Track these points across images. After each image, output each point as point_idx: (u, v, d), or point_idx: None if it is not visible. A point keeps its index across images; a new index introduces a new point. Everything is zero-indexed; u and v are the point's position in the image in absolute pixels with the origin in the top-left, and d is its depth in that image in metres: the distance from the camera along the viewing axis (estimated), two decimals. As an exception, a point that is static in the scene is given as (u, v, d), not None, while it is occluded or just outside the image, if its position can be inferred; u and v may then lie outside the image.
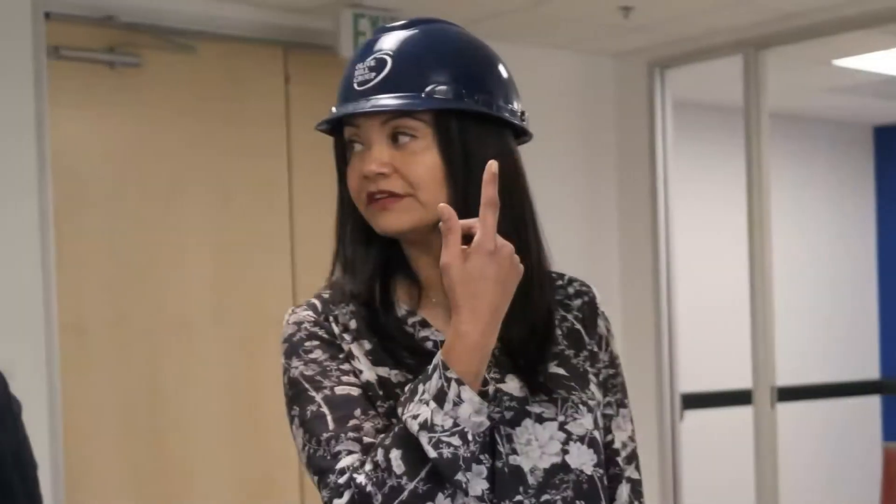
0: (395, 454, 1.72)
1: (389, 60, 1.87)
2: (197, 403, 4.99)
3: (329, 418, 1.82)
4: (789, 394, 6.89)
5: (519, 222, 1.90)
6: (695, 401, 6.85)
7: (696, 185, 7.27)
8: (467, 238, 1.72)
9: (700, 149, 7.37)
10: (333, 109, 1.92)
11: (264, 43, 5.17)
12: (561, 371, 1.93)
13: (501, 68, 1.94)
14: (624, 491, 1.99)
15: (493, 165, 1.73)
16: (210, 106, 5.05)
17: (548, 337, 1.93)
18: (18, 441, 1.74)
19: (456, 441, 1.70)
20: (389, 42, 1.90)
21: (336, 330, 1.90)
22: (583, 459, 1.88)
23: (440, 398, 1.71)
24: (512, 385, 1.88)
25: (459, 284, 1.71)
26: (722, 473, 7.15)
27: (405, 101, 1.84)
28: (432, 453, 1.70)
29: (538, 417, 1.87)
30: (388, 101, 1.85)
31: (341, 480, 1.76)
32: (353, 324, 1.90)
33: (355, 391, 1.84)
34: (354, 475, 1.74)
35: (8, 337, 4.39)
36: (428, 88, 1.85)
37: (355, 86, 1.88)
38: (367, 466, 1.74)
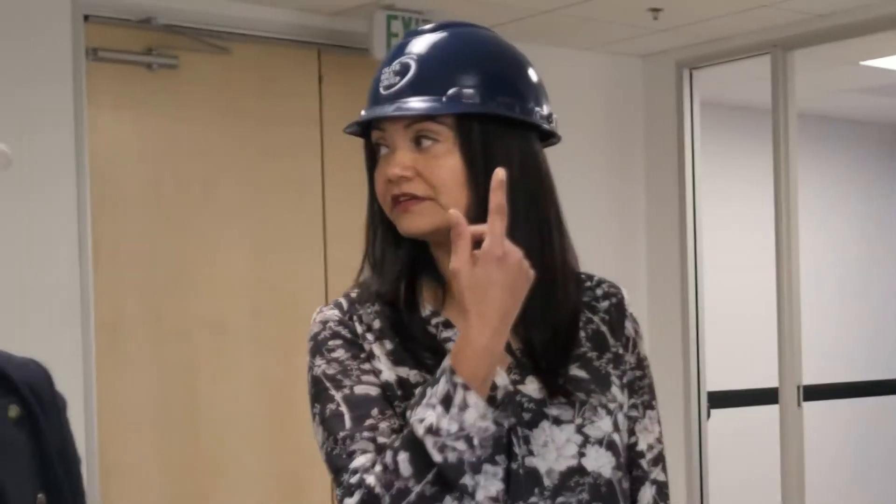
0: (403, 457, 1.74)
1: (414, 64, 1.89)
2: (230, 402, 5.02)
3: (347, 417, 1.85)
4: (815, 393, 6.90)
5: (543, 224, 1.92)
6: (721, 399, 6.85)
7: (724, 185, 7.28)
8: (480, 244, 1.73)
9: (728, 148, 7.39)
10: (363, 112, 1.94)
11: (299, 44, 5.20)
12: (582, 374, 1.93)
13: (530, 71, 1.95)
14: (647, 493, 1.99)
15: (499, 173, 1.74)
16: (245, 106, 5.08)
17: (570, 339, 1.94)
18: (63, 437, 1.76)
19: (461, 445, 1.72)
20: (417, 46, 1.92)
21: (359, 330, 1.92)
22: (601, 462, 1.89)
23: (446, 402, 1.72)
24: (531, 387, 1.89)
25: (468, 290, 1.73)
26: (748, 472, 7.16)
27: (427, 106, 1.86)
28: (437, 457, 1.72)
29: (555, 420, 1.87)
30: (410, 105, 1.87)
31: (353, 480, 1.79)
32: (376, 324, 1.92)
33: (374, 391, 1.86)
34: (365, 476, 1.77)
35: (45, 335, 4.41)
36: (451, 92, 1.86)
37: (381, 90, 1.91)
38: (377, 468, 1.76)
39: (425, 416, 1.73)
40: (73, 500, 1.73)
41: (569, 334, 1.94)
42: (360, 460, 1.80)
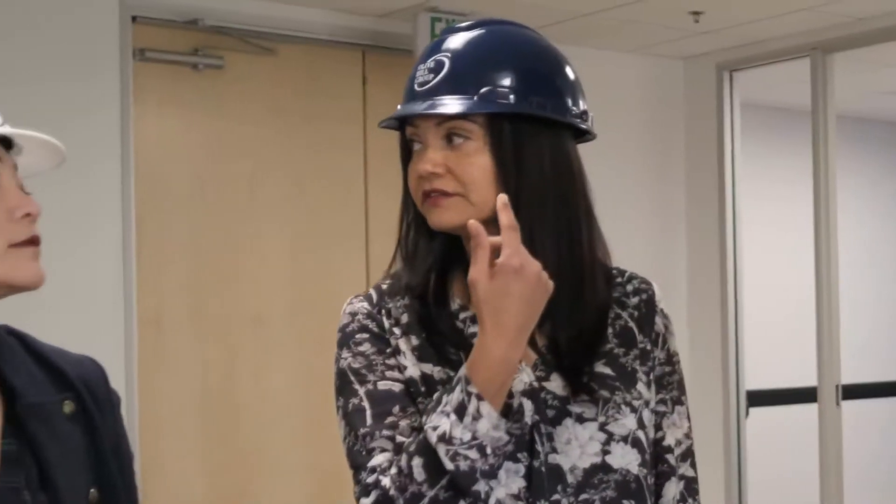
0: (417, 462, 1.76)
1: (448, 62, 1.89)
2: (271, 397, 5.04)
3: (368, 413, 1.85)
4: (854, 392, 6.88)
5: (572, 223, 1.91)
6: (760, 398, 6.84)
7: (763, 185, 7.26)
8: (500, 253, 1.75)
9: (767, 149, 7.37)
10: (398, 107, 1.95)
11: (343, 46, 5.23)
12: (607, 370, 1.92)
13: (566, 69, 1.95)
14: (672, 488, 1.98)
15: (502, 198, 1.76)
16: (289, 106, 5.11)
17: (596, 338, 1.93)
18: (117, 433, 1.78)
19: (473, 454, 1.73)
20: (452, 43, 1.92)
21: (387, 324, 1.93)
22: (627, 459, 1.89)
23: (460, 412, 1.74)
24: (556, 384, 1.89)
25: (484, 301, 1.73)
26: (786, 470, 7.14)
27: (458, 105, 1.86)
28: (449, 465, 1.73)
29: (579, 417, 1.87)
30: (442, 103, 1.87)
31: (370, 480, 1.80)
32: (404, 318, 1.93)
33: (397, 387, 1.87)
34: (381, 477, 1.79)
35: (89, 331, 4.41)
36: (484, 90, 1.86)
37: (416, 86, 1.91)
38: (393, 470, 1.78)
39: (439, 423, 1.75)
40: (125, 496, 1.75)
41: (595, 333, 1.93)
42: (377, 459, 1.81)
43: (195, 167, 4.92)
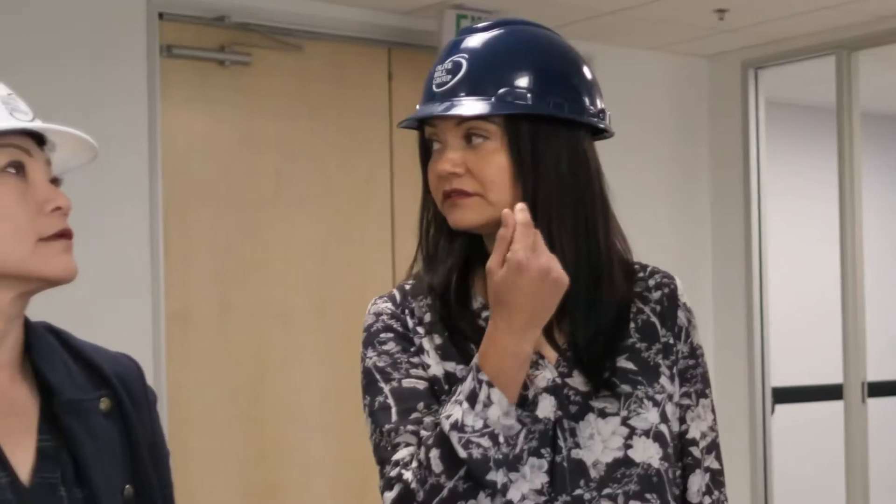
0: (434, 453, 1.77)
1: (465, 63, 1.90)
2: (298, 392, 5.06)
3: (393, 410, 1.87)
4: (880, 389, 6.87)
5: (590, 222, 1.92)
6: (785, 395, 6.83)
7: (788, 183, 7.26)
8: None
9: (792, 147, 7.37)
10: (417, 107, 1.96)
11: (369, 42, 5.26)
12: (630, 365, 1.94)
13: (583, 68, 1.96)
14: (698, 480, 1.99)
15: (520, 206, 1.79)
16: (316, 103, 5.13)
17: (617, 334, 1.95)
18: (153, 430, 1.80)
19: (486, 442, 1.74)
20: (470, 44, 1.93)
21: (411, 324, 1.95)
22: (649, 453, 1.90)
23: (472, 399, 1.76)
24: (578, 380, 1.91)
25: (493, 293, 1.77)
26: (812, 467, 7.13)
27: (476, 106, 1.87)
28: (462, 453, 1.74)
29: (601, 412, 1.89)
30: (461, 104, 1.88)
31: (393, 474, 1.82)
32: (427, 317, 1.95)
33: (421, 385, 1.88)
34: (403, 471, 1.80)
35: (118, 326, 4.46)
36: (501, 91, 1.87)
37: (434, 87, 1.92)
38: (414, 463, 1.80)
39: (452, 412, 1.77)
40: (160, 493, 1.77)
41: (615, 329, 1.95)
42: (401, 454, 1.83)
43: (222, 163, 4.94)
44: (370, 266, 5.24)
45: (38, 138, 1.68)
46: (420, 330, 1.94)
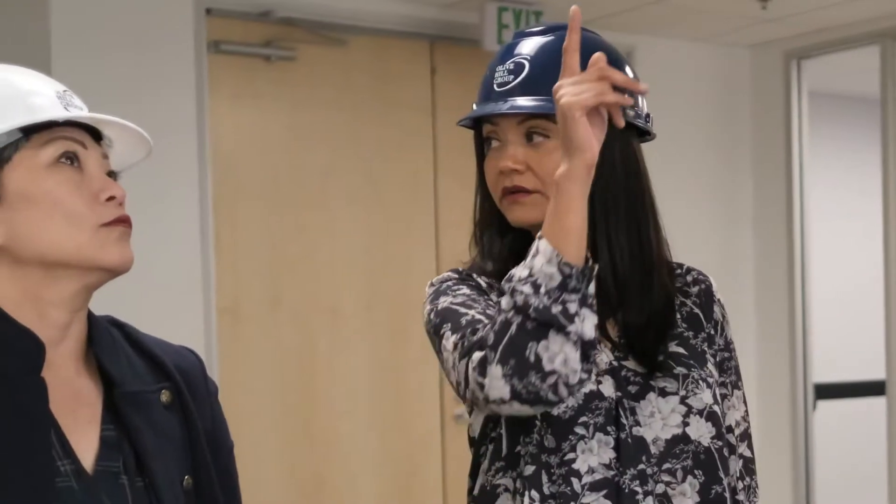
0: (504, 297, 1.79)
1: (527, 65, 2.00)
2: (346, 386, 5.09)
3: (474, 315, 1.91)
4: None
5: (641, 219, 2.02)
6: (828, 391, 6.82)
7: (832, 175, 7.24)
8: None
9: (835, 139, 7.35)
10: (474, 106, 2.05)
11: (412, 36, 5.28)
12: (681, 350, 2.03)
13: (629, 71, 2.01)
14: (733, 465, 2.06)
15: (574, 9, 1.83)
16: (360, 97, 5.16)
17: (666, 322, 2.03)
18: (214, 423, 1.84)
19: (527, 289, 1.76)
20: (528, 47, 2.02)
21: (483, 284, 2.02)
22: (701, 432, 1.98)
23: (528, 254, 1.80)
24: (635, 363, 1.99)
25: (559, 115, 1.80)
26: (854, 463, 7.11)
27: (540, 104, 1.95)
28: (508, 301, 1.77)
29: (661, 391, 1.97)
30: (525, 102, 1.96)
31: (473, 339, 1.83)
32: (493, 295, 2.00)
33: None
34: (479, 328, 1.84)
35: (169, 320, 4.41)
36: None
37: (495, 87, 2.01)
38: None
39: (514, 271, 1.80)
40: (224, 484, 1.81)
41: (663, 318, 2.03)
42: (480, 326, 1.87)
43: (269, 158, 4.97)
44: (414, 260, 5.27)
45: (95, 134, 1.73)
46: (493, 295, 1.99)
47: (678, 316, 2.06)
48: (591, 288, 1.78)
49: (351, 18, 5.09)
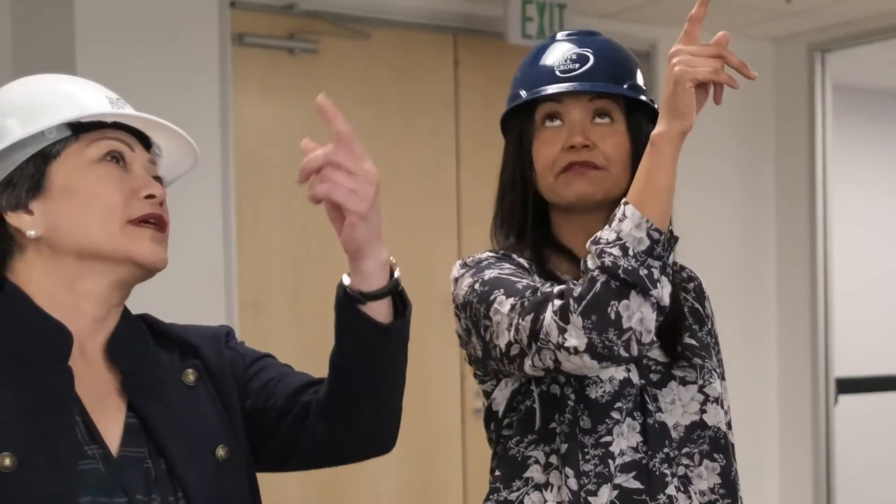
0: (590, 258, 1.87)
1: (592, 56, 2.15)
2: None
3: (537, 285, 1.98)
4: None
5: None
6: (849, 385, 6.81)
7: (855, 169, 7.22)
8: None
9: (860, 133, 7.33)
10: (523, 93, 2.15)
11: (435, 29, 5.28)
12: (693, 342, 2.16)
13: (639, 76, 2.22)
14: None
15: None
16: (383, 90, 5.16)
17: (681, 314, 2.15)
18: (236, 356, 1.94)
19: (616, 252, 1.85)
20: (586, 42, 2.19)
21: (525, 264, 2.10)
22: (718, 418, 2.13)
23: (613, 219, 1.88)
24: (656, 352, 2.11)
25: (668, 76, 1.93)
26: (876, 459, 7.11)
27: (616, 87, 2.11)
28: (595, 262, 1.85)
29: (682, 380, 2.11)
30: (601, 85, 2.12)
31: (546, 289, 1.92)
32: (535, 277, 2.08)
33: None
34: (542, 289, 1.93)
35: (192, 315, 4.35)
36: (627, 84, 2.14)
37: (558, 73, 2.14)
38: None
39: (600, 234, 1.89)
40: (271, 370, 1.95)
41: (679, 309, 2.13)
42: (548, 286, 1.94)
43: (292, 152, 4.89)
44: (436, 253, 5.26)
45: (144, 141, 1.81)
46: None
47: (685, 308, 2.19)
48: (672, 258, 1.89)
49: (374, 11, 5.10)
